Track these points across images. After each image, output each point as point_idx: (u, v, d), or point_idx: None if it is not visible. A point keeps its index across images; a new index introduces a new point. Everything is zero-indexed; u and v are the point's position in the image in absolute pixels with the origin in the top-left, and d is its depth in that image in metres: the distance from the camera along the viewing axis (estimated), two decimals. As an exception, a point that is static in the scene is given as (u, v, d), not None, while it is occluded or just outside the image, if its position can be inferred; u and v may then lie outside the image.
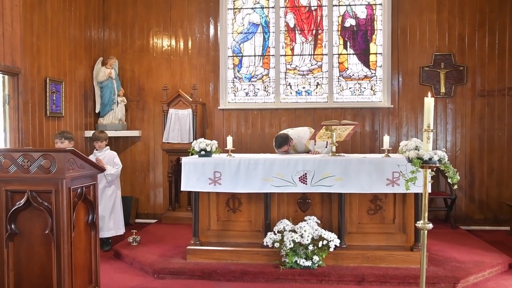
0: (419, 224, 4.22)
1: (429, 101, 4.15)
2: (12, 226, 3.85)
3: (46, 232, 3.82)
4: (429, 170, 4.21)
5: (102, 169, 4.43)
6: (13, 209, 3.83)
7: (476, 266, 5.22)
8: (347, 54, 8.20)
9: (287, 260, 5.08)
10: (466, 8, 7.81)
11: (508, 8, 7.71)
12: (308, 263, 5.05)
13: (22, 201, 3.81)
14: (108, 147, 6.53)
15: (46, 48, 6.81)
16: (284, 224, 5.28)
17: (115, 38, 8.45)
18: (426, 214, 4.19)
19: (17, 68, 6.07)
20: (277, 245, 5.16)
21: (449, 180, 4.31)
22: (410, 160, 4.26)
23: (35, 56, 6.56)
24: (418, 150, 4.22)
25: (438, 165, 4.14)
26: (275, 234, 5.26)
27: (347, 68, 8.20)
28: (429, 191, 4.30)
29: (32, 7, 6.50)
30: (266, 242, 5.23)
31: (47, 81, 6.76)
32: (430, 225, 4.19)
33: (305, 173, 5.29)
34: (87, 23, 7.96)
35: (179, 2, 8.31)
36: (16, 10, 6.08)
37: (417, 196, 5.22)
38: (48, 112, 6.78)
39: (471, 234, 6.95)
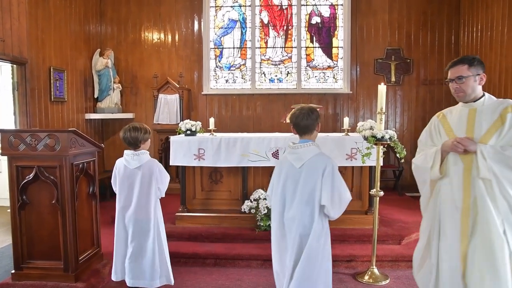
0: (373, 192, 4.31)
1: (382, 88, 4.19)
2: (23, 197, 3.80)
3: (53, 202, 3.78)
4: (381, 147, 4.29)
5: (100, 146, 4.35)
6: (23, 182, 3.77)
7: (418, 226, 5.26)
8: (313, 47, 8.17)
9: (262, 224, 5.10)
10: (412, 10, 7.86)
11: (445, 11, 7.81)
12: (280, 226, 5.08)
13: (31, 175, 3.76)
14: None
15: (49, 41, 6.59)
16: (259, 193, 5.29)
17: (111, 32, 8.22)
18: (378, 184, 4.28)
19: (24, 58, 5.87)
20: (253, 211, 5.18)
21: (397, 155, 4.40)
22: (365, 138, 4.31)
23: (40, 48, 6.34)
24: (373, 130, 4.28)
25: (388, 142, 4.21)
26: (251, 202, 5.27)
27: (313, 59, 8.18)
28: (381, 164, 4.38)
29: (37, 4, 6.26)
30: (244, 209, 5.25)
31: (51, 70, 6.56)
32: (382, 193, 4.28)
33: (277, 150, 5.28)
34: (86, 19, 7.72)
35: (167, 0, 8.11)
36: (23, 6, 5.86)
37: (371, 168, 5.26)
38: (52, 97, 6.59)
39: (414, 199, 7.09)
